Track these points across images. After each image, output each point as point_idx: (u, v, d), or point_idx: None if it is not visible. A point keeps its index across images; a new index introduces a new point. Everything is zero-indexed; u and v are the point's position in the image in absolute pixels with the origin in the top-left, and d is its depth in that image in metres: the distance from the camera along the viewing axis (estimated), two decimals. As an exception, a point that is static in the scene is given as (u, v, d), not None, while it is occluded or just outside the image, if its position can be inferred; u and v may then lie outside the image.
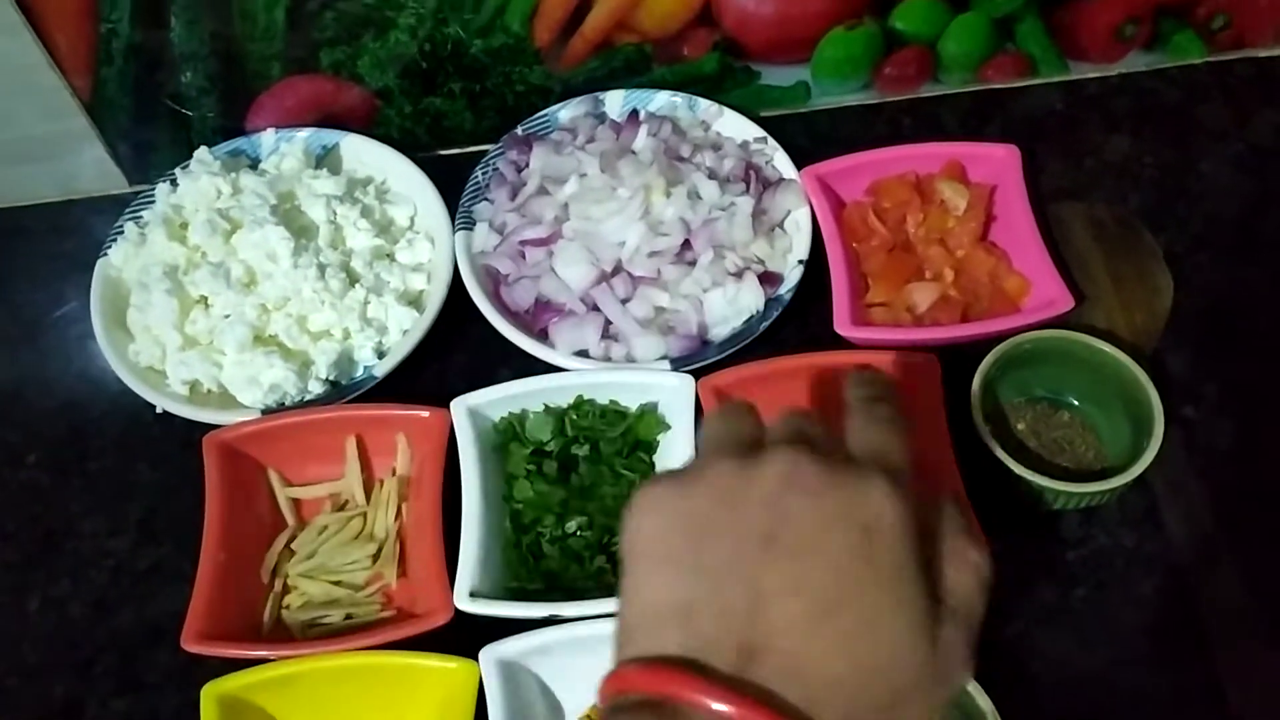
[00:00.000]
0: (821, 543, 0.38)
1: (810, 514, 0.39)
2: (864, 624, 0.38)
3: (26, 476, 0.71)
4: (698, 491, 0.41)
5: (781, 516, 0.39)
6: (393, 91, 0.78)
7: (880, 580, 0.38)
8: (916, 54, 0.80)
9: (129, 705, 0.62)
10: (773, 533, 0.39)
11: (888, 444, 0.43)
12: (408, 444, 0.67)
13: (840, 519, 0.39)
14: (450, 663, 0.58)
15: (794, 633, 0.37)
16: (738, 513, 0.40)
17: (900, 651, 0.38)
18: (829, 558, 0.38)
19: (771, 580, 0.38)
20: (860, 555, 0.38)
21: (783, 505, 0.39)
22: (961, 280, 0.71)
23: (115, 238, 0.74)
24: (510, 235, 0.72)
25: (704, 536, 0.39)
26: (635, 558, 0.41)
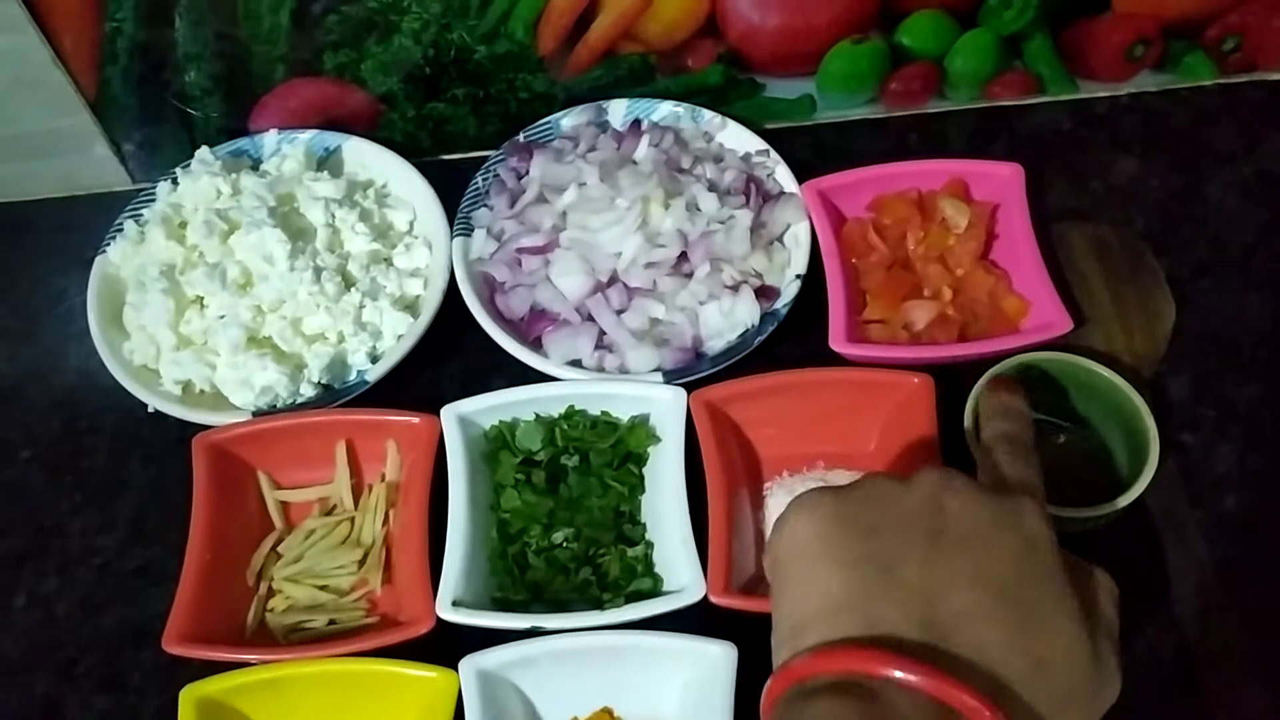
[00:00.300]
0: (983, 539, 0.41)
1: (971, 516, 0.41)
2: (1036, 619, 0.39)
3: (19, 473, 0.71)
4: (855, 497, 0.43)
5: (943, 516, 0.41)
6: (396, 96, 0.78)
7: (1044, 583, 0.40)
8: (923, 70, 0.80)
9: (110, 705, 0.62)
10: (937, 528, 0.41)
11: (1029, 478, 0.47)
12: (398, 450, 0.67)
13: (998, 523, 0.41)
14: (430, 672, 0.57)
15: (976, 619, 0.39)
16: (898, 512, 0.42)
17: (1070, 649, 0.40)
18: (997, 556, 0.40)
19: (945, 569, 0.40)
20: (1024, 558, 0.41)
21: (943, 506, 0.42)
22: (960, 299, 0.70)
23: (115, 235, 0.74)
24: (507, 243, 0.72)
25: (868, 532, 0.41)
26: (794, 558, 0.43)
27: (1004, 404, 0.55)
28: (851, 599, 0.40)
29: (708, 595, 0.59)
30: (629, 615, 0.59)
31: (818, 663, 0.39)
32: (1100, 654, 0.41)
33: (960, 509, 0.41)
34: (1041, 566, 0.41)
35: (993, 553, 0.40)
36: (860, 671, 0.38)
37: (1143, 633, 0.61)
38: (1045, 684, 0.39)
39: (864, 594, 0.40)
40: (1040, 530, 0.42)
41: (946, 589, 0.39)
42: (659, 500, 0.64)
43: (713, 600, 0.59)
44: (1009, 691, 0.38)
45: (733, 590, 0.59)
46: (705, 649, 0.57)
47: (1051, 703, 0.39)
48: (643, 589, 0.62)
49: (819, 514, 0.43)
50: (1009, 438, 0.51)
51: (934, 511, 0.41)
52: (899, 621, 0.39)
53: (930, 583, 0.40)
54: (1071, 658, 0.40)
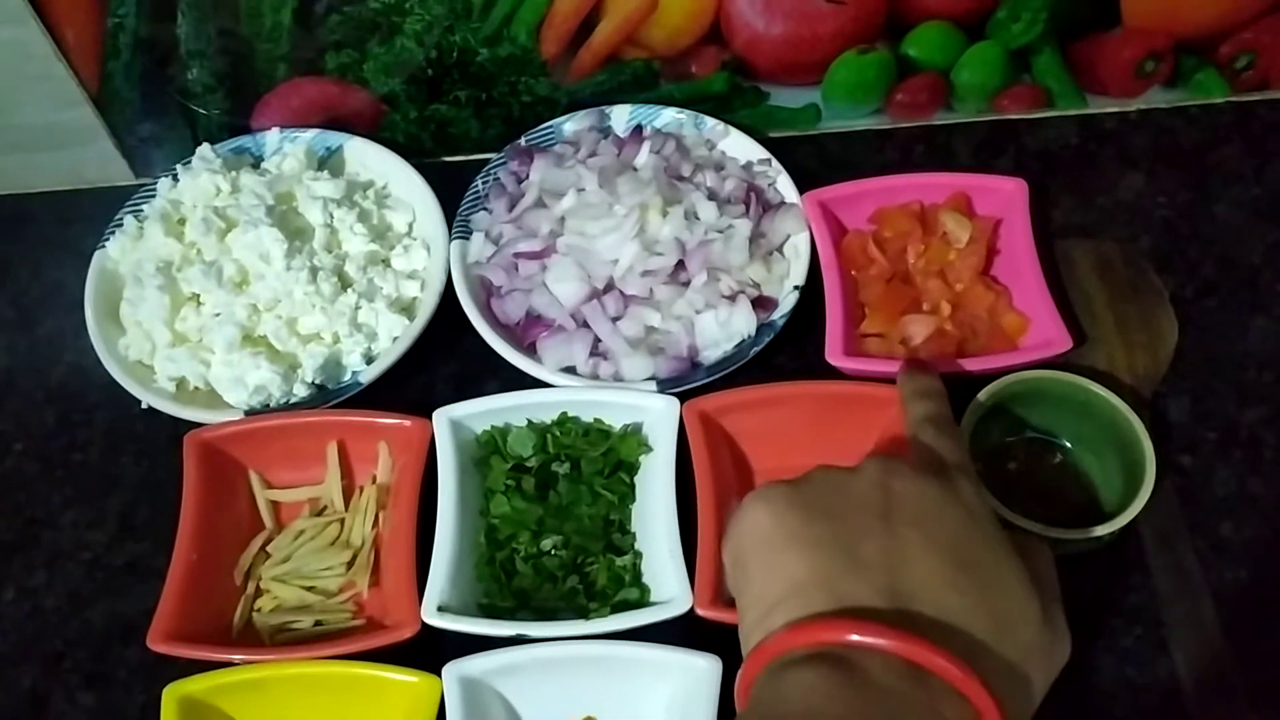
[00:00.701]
0: (935, 514, 0.44)
1: (916, 495, 0.44)
2: (990, 582, 0.42)
3: (12, 465, 0.71)
4: (807, 486, 0.46)
5: (891, 497, 0.44)
6: (398, 97, 0.78)
7: (991, 549, 0.44)
8: (929, 81, 0.79)
9: (95, 700, 0.62)
10: (889, 508, 0.44)
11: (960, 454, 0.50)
12: (389, 452, 0.67)
13: (944, 499, 0.45)
14: (412, 677, 0.57)
15: (937, 586, 0.41)
16: (849, 497, 0.45)
17: (1023, 608, 0.43)
18: (946, 526, 0.44)
19: (901, 543, 0.42)
20: (970, 527, 0.44)
21: (890, 488, 0.45)
22: (959, 315, 0.69)
23: (114, 230, 0.74)
24: (505, 247, 0.72)
25: (824, 516, 0.44)
26: (755, 547, 0.45)
27: (922, 386, 0.57)
28: (816, 578, 0.42)
29: (694, 607, 0.59)
30: (615, 625, 0.59)
31: (790, 638, 0.41)
32: (1050, 613, 0.44)
33: (905, 489, 0.44)
34: (985, 535, 0.44)
35: (943, 525, 0.43)
36: (832, 641, 0.40)
37: (1135, 657, 0.61)
38: (1006, 641, 0.41)
39: (828, 572, 0.42)
40: (976, 502, 0.46)
41: (905, 561, 0.42)
42: (649, 510, 0.64)
43: (699, 613, 0.58)
44: (974, 650, 0.40)
45: (720, 603, 0.59)
46: (690, 661, 0.57)
47: (1013, 659, 0.41)
48: (630, 599, 0.61)
49: (776, 504, 0.45)
50: (933, 418, 0.54)
51: (883, 494, 0.44)
52: (864, 594, 0.41)
53: (890, 557, 0.42)
54: (1025, 616, 0.42)
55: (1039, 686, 0.43)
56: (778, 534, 0.44)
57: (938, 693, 0.39)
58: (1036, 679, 0.42)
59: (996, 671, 0.40)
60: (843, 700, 0.38)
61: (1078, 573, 0.63)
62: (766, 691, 0.40)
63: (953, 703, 0.39)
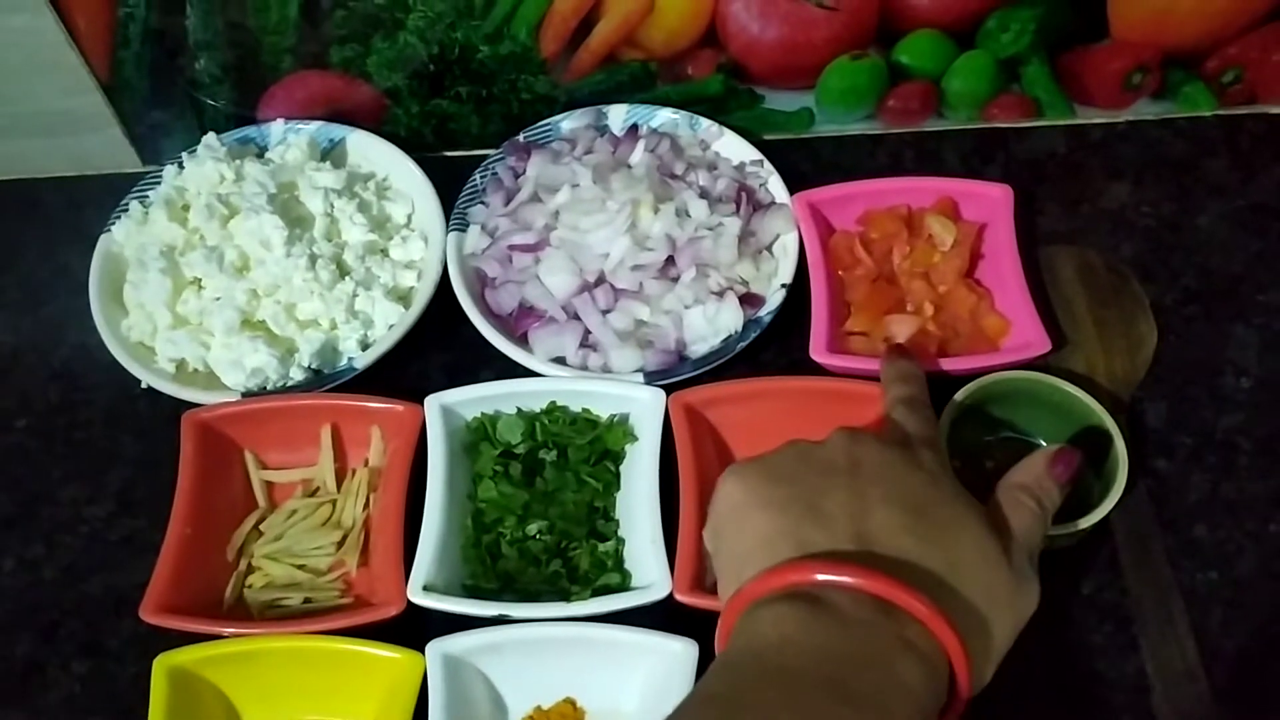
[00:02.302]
0: (896, 475, 0.48)
1: (878, 459, 0.49)
2: (946, 529, 0.46)
3: (14, 441, 0.73)
4: (776, 457, 0.50)
5: (855, 460, 0.48)
6: (401, 92, 0.79)
7: (949, 504, 0.48)
8: (921, 89, 0.81)
9: (88, 670, 0.64)
10: (852, 468, 0.48)
11: (929, 431, 0.55)
12: (381, 436, 0.68)
13: (904, 462, 0.49)
14: (395, 653, 0.59)
15: (896, 531, 0.45)
16: (816, 461, 0.49)
17: (983, 552, 0.46)
18: (906, 484, 0.48)
19: (863, 497, 0.46)
20: (930, 486, 0.48)
21: (854, 453, 0.49)
22: (941, 316, 0.71)
23: (120, 215, 0.76)
24: (500, 239, 0.73)
25: (791, 479, 0.48)
26: (727, 515, 0.49)
27: (901, 370, 0.61)
28: (784, 531, 0.46)
29: (673, 593, 0.60)
30: (595, 608, 0.60)
31: (761, 584, 0.44)
32: (1014, 560, 0.48)
33: (868, 454, 0.49)
34: (944, 492, 0.48)
35: (904, 482, 0.48)
36: (802, 582, 0.43)
37: (1105, 654, 0.62)
38: (965, 580, 0.45)
39: (795, 525, 0.46)
40: (938, 467, 0.50)
41: (867, 511, 0.46)
42: (633, 498, 0.65)
43: (678, 598, 0.60)
44: (930, 587, 0.43)
45: (699, 589, 0.60)
46: (667, 645, 0.58)
47: (972, 599, 0.45)
48: (611, 584, 0.63)
49: (746, 476, 0.49)
50: (906, 399, 0.57)
51: (847, 457, 0.48)
52: (829, 541, 0.45)
53: (853, 508, 0.46)
54: (983, 559, 0.46)
55: (1002, 627, 0.46)
56: (748, 500, 0.48)
57: (903, 623, 0.42)
58: (999, 618, 0.46)
59: (954, 609, 0.43)
60: (817, 627, 0.42)
61: (1051, 569, 0.65)
62: (743, 630, 0.44)
63: (917, 630, 0.42)
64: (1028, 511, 0.51)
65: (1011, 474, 0.53)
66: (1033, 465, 0.53)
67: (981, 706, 0.57)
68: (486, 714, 0.60)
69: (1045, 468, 0.53)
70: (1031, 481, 0.52)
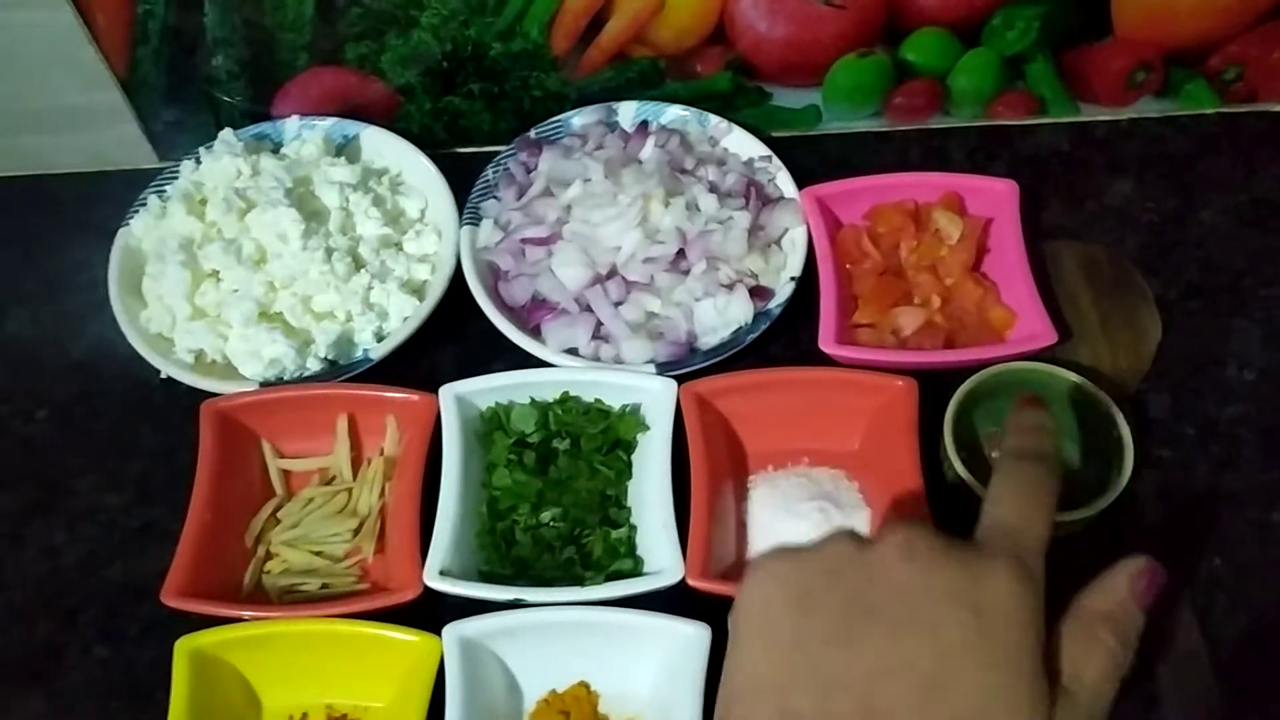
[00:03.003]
0: (927, 619, 0.37)
1: (919, 588, 0.38)
2: (973, 708, 0.36)
3: (35, 430, 0.74)
4: (809, 564, 0.40)
5: (887, 589, 0.38)
6: (414, 89, 0.81)
7: (991, 663, 0.37)
8: (926, 86, 0.82)
9: (108, 654, 0.65)
10: (876, 606, 0.38)
11: (1025, 517, 0.41)
12: (396, 426, 0.69)
13: (951, 596, 0.38)
14: (413, 636, 0.60)
15: (900, 713, 0.36)
16: (843, 585, 0.39)
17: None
18: (934, 636, 0.37)
19: (871, 658, 0.37)
20: (970, 634, 0.37)
21: (890, 577, 0.38)
22: (948, 308, 0.72)
23: (138, 209, 0.77)
24: (513, 233, 0.75)
25: (807, 609, 0.39)
26: (740, 628, 0.41)
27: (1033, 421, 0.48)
28: (773, 682, 0.39)
29: (685, 578, 0.61)
30: (609, 593, 0.61)
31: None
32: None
33: (907, 580, 0.38)
34: (992, 641, 0.37)
35: (930, 633, 0.37)
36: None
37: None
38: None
39: (785, 680, 0.38)
40: (1002, 595, 0.38)
41: (871, 682, 0.37)
42: (644, 486, 0.66)
43: (690, 583, 0.61)
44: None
45: (710, 575, 0.61)
46: (680, 628, 0.59)
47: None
48: (624, 569, 0.64)
49: (770, 582, 0.41)
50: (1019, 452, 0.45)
51: (878, 586, 0.39)
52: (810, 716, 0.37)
53: (854, 674, 0.37)
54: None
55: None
56: (762, 617, 0.40)
57: None
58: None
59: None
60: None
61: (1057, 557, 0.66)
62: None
63: None
64: (1106, 654, 0.39)
65: (1089, 596, 0.41)
66: (1114, 587, 0.41)
67: None
68: (501, 697, 0.61)
69: (1129, 589, 0.41)
70: (1116, 609, 0.40)
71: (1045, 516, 0.42)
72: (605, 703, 0.62)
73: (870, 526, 0.66)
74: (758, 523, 0.67)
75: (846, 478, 0.69)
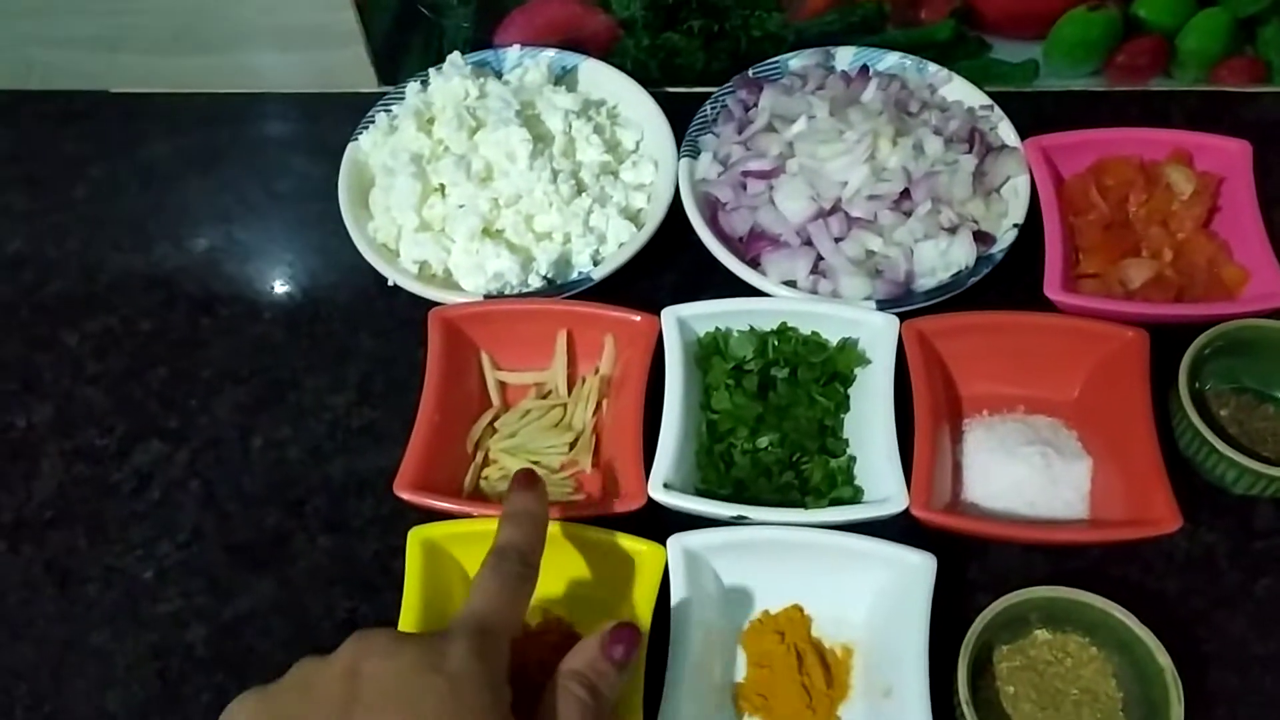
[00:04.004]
0: (401, 691, 0.43)
1: (387, 675, 0.43)
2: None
3: (261, 330, 0.76)
4: (279, 691, 0.44)
5: (359, 682, 0.43)
6: (636, 22, 0.81)
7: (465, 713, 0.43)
8: (1152, 44, 0.80)
9: (333, 543, 0.67)
10: (351, 698, 0.42)
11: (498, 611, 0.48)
12: (614, 345, 0.70)
13: (419, 670, 0.43)
14: (641, 545, 0.60)
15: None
16: (316, 693, 0.43)
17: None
18: (411, 702, 0.42)
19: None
20: (445, 697, 0.43)
21: (359, 673, 0.43)
22: (1179, 262, 0.70)
23: (366, 126, 0.79)
24: (734, 166, 0.75)
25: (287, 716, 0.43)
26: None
27: (516, 506, 0.53)
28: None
29: (909, 509, 0.61)
30: (833, 516, 0.61)
31: None
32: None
33: (376, 669, 0.43)
34: (464, 699, 0.43)
35: (409, 702, 0.42)
36: None
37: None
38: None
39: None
40: (465, 668, 0.44)
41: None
42: (864, 418, 0.66)
43: (915, 514, 0.61)
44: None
45: (933, 508, 0.61)
46: (906, 556, 0.59)
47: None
48: (843, 497, 0.64)
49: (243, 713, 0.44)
50: (501, 552, 0.51)
51: (349, 681, 0.43)
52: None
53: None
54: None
55: None
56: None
57: None
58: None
59: None
60: None
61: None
62: None
63: None
64: (575, 703, 0.47)
65: (567, 658, 0.49)
66: (587, 649, 0.49)
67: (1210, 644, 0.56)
68: (717, 612, 0.62)
69: (599, 651, 0.49)
70: (584, 667, 0.48)
71: (519, 608, 0.49)
72: (818, 626, 0.62)
73: (1090, 476, 0.65)
74: (974, 465, 0.67)
75: (1065, 426, 0.68)
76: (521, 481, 0.54)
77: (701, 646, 0.59)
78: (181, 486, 0.70)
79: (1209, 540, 0.65)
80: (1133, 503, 0.62)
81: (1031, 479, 0.65)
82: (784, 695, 0.60)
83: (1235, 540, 0.65)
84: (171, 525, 0.68)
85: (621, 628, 0.49)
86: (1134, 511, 0.62)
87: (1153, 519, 0.60)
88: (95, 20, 0.84)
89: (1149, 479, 0.61)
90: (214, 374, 0.74)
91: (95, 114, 0.90)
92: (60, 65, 0.88)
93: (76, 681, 0.63)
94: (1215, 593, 0.63)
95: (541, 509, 0.53)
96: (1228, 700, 0.60)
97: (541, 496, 0.54)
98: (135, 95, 0.91)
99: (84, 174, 0.86)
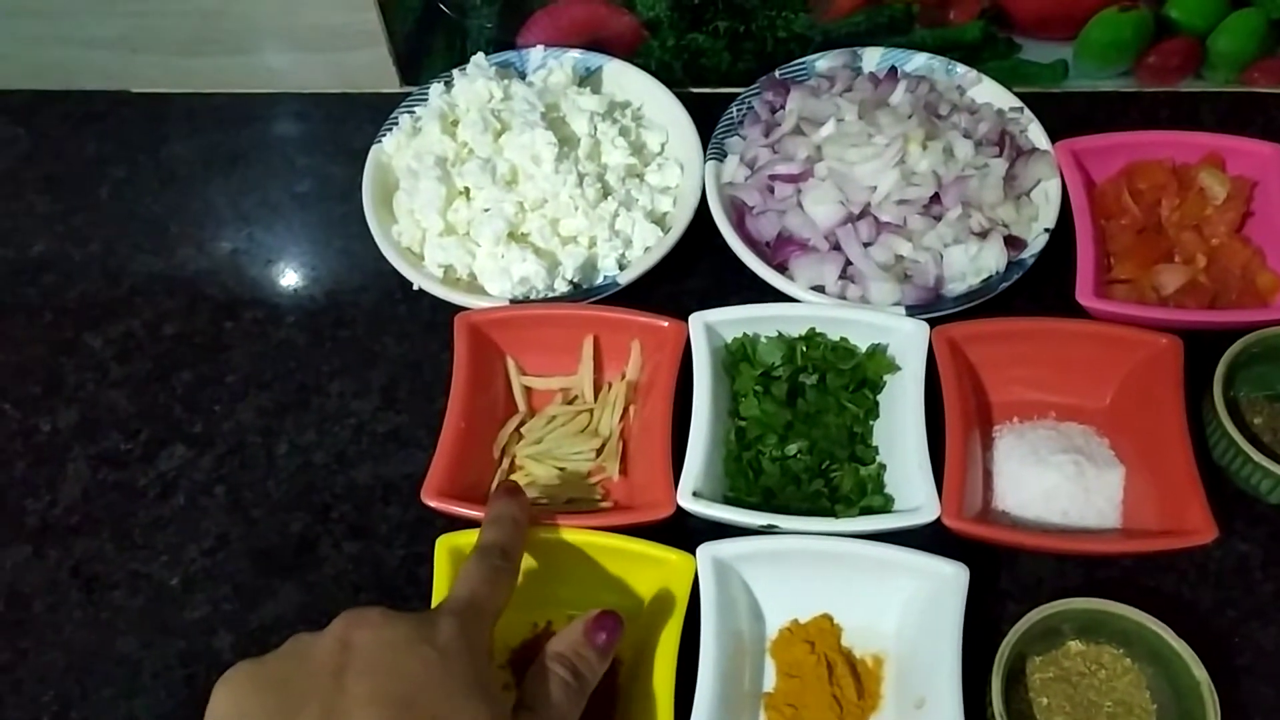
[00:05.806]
0: (393, 661, 0.45)
1: (376, 644, 0.45)
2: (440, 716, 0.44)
3: (285, 335, 0.76)
4: (271, 660, 0.46)
5: (349, 651, 0.45)
6: (662, 22, 0.81)
7: (453, 683, 0.45)
8: (1184, 45, 0.79)
9: (359, 550, 0.67)
10: (342, 665, 0.44)
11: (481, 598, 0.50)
12: (641, 351, 0.70)
13: (410, 642, 0.46)
14: (670, 554, 0.60)
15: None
16: (308, 660, 0.45)
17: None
18: (401, 671, 0.45)
19: (346, 700, 0.43)
20: (434, 667, 0.45)
21: (349, 642, 0.45)
22: (1213, 268, 0.70)
23: (390, 128, 0.79)
24: (761, 169, 0.74)
25: (278, 686, 0.45)
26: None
27: (501, 512, 0.56)
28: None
29: (941, 518, 0.60)
30: (864, 526, 0.61)
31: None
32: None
33: (367, 639, 0.45)
34: (453, 669, 0.45)
35: (400, 670, 0.44)
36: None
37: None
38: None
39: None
40: (453, 642, 0.46)
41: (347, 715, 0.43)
42: (895, 425, 0.65)
43: (946, 523, 0.60)
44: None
45: (965, 517, 0.61)
46: (939, 567, 0.59)
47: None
48: (873, 505, 0.63)
49: (234, 683, 0.45)
50: (485, 548, 0.54)
51: (340, 650, 0.45)
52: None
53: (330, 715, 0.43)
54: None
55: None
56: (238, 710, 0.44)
57: None
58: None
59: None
60: None
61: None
62: None
63: None
64: (559, 684, 0.49)
65: (554, 640, 0.51)
66: (572, 632, 0.51)
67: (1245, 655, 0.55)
68: (747, 622, 0.62)
69: (583, 634, 0.51)
70: (567, 650, 0.50)
71: (501, 598, 0.52)
72: (847, 636, 0.62)
73: (1123, 485, 0.65)
74: (1005, 473, 0.66)
75: (1097, 434, 0.67)
76: (504, 491, 0.57)
77: (731, 656, 0.59)
78: (207, 492, 0.69)
79: (1242, 550, 0.64)
80: (1167, 512, 0.62)
81: (1063, 487, 0.64)
82: (815, 705, 0.59)
83: (1269, 550, 0.64)
84: (197, 531, 0.68)
85: (605, 615, 0.52)
86: (1168, 521, 0.61)
87: (1188, 529, 0.59)
88: (116, 21, 0.84)
89: (1184, 488, 0.61)
90: (238, 378, 0.74)
91: (116, 114, 0.90)
92: (81, 66, 0.88)
93: (104, 689, 0.63)
94: (1249, 604, 0.62)
95: (522, 514, 0.56)
96: (1263, 713, 0.59)
97: (523, 504, 0.57)
98: (156, 95, 0.90)
99: (105, 175, 0.86)
